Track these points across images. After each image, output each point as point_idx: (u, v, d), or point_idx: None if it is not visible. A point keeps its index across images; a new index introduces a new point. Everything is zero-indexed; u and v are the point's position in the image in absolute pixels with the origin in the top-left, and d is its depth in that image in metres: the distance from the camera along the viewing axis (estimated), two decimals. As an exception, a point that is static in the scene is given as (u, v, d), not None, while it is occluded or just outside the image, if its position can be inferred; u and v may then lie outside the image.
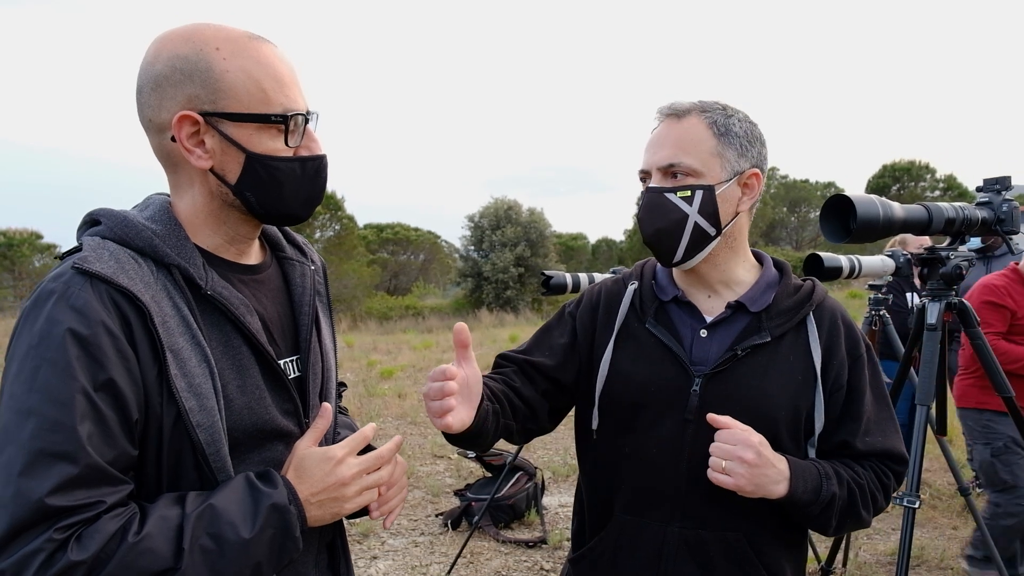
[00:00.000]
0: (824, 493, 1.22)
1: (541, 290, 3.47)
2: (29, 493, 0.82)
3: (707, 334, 1.33)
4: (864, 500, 1.28)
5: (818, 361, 1.29)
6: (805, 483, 1.22)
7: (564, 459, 5.94)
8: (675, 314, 1.37)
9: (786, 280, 1.38)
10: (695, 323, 1.35)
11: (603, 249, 37.94)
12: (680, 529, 1.29)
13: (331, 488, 1.04)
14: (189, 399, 0.95)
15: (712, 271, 1.36)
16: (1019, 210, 2.13)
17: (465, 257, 28.10)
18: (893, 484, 1.35)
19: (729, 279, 1.37)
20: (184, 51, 1.00)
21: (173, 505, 0.93)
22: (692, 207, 1.27)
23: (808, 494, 1.22)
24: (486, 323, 20.97)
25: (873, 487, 1.30)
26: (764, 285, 1.35)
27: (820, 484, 1.23)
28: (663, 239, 1.30)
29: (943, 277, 2.13)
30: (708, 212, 1.27)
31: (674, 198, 1.28)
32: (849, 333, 1.35)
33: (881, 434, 1.33)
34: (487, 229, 26.79)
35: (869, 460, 1.33)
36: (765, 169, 1.35)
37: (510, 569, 3.86)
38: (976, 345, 2.16)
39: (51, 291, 0.91)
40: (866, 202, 1.87)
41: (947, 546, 3.97)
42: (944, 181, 31.43)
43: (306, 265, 1.25)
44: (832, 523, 1.26)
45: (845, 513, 1.26)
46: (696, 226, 1.28)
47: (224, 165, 1.04)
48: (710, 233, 1.29)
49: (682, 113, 1.30)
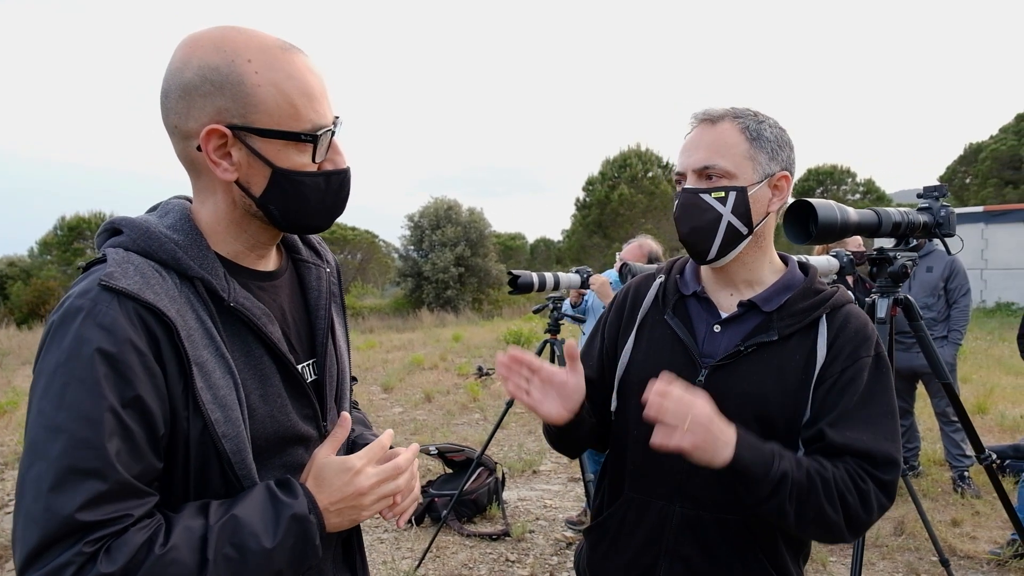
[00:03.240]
0: (774, 471, 1.19)
1: (508, 289, 3.56)
2: (59, 508, 0.84)
3: (720, 329, 1.39)
4: (829, 495, 1.21)
5: (820, 362, 1.31)
6: (752, 453, 1.19)
7: (519, 455, 6.06)
8: (693, 308, 1.44)
9: (808, 283, 1.40)
10: (710, 318, 1.41)
11: (541, 249, 38.30)
12: (681, 509, 1.35)
13: (350, 498, 1.06)
14: (215, 411, 0.97)
15: (740, 270, 1.41)
16: (955, 215, 2.36)
17: (405, 257, 27.89)
18: (874, 492, 1.24)
19: (753, 279, 1.41)
20: (215, 61, 0.99)
21: (197, 516, 0.94)
22: (726, 207, 1.33)
23: (756, 467, 1.18)
24: (427, 323, 20.92)
25: (843, 486, 1.22)
26: (781, 286, 1.39)
27: (771, 460, 1.20)
28: (698, 237, 1.36)
29: (891, 275, 2.34)
30: (741, 212, 1.33)
31: (709, 198, 1.34)
32: (859, 337, 1.33)
33: (867, 433, 1.26)
34: (427, 229, 26.67)
35: (845, 459, 1.26)
36: (793, 172, 1.41)
37: (476, 562, 3.94)
38: (919, 337, 2.38)
39: (78, 308, 0.91)
40: (825, 207, 2.05)
41: (880, 525, 4.26)
42: (864, 185, 33.09)
43: (322, 268, 1.26)
44: (789, 511, 1.20)
45: (804, 502, 1.20)
46: (729, 225, 1.33)
47: (249, 178, 1.04)
48: (742, 232, 1.35)
49: (716, 119, 1.36)
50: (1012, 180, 26.33)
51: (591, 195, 31.95)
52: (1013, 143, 26.66)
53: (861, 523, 1.24)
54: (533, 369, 1.32)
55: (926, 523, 2.71)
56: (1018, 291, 17.16)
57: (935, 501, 4.66)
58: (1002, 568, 3.72)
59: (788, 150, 1.39)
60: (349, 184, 1.13)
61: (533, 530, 4.39)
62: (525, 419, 7.25)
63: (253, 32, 1.03)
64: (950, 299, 4.87)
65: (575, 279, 3.78)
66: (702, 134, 1.37)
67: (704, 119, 1.38)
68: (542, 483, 5.39)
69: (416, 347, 13.77)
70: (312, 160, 1.06)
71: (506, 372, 1.32)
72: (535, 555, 4.03)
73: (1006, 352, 10.63)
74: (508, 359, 1.31)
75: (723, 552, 1.34)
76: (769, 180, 1.36)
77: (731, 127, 1.35)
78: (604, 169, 32.18)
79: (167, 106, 1.02)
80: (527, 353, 1.32)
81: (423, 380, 9.81)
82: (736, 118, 1.36)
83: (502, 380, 1.33)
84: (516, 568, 3.87)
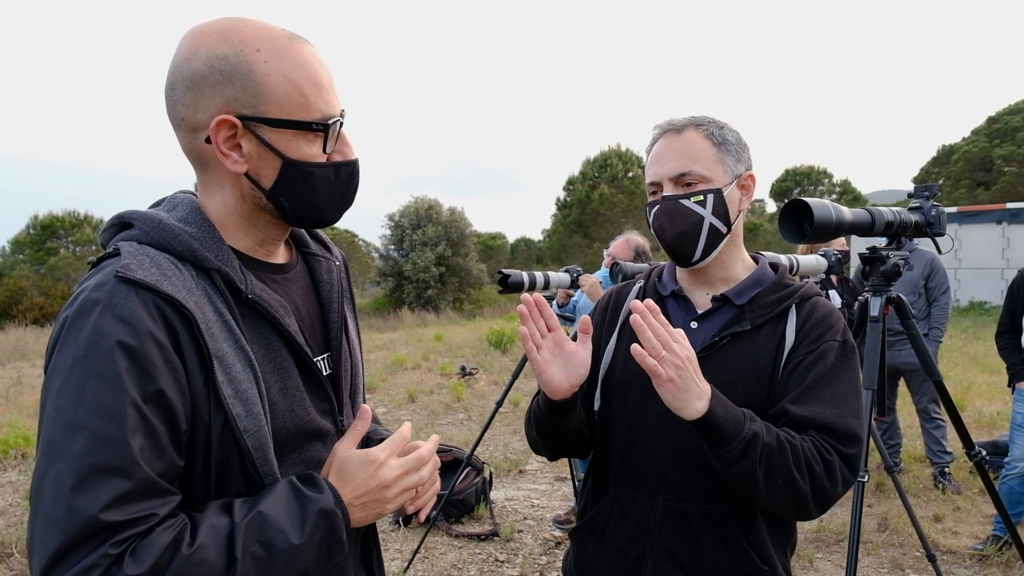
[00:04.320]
0: (745, 430, 1.21)
1: (498, 288, 3.55)
2: (82, 509, 0.80)
3: (696, 325, 1.44)
4: (798, 462, 1.23)
5: (789, 344, 1.37)
6: (726, 410, 1.21)
7: (505, 454, 6.05)
8: (671, 307, 1.49)
9: (778, 278, 1.47)
10: (687, 316, 1.47)
11: (522, 248, 38.35)
12: (665, 502, 1.38)
13: (374, 491, 1.03)
14: (236, 405, 0.94)
15: (718, 269, 1.46)
16: (945, 214, 2.39)
17: (385, 256, 27.78)
18: (839, 465, 1.27)
19: (729, 276, 1.47)
20: (223, 51, 0.97)
21: (221, 514, 0.92)
22: (706, 209, 1.39)
23: (728, 424, 1.20)
24: (408, 323, 20.82)
25: (810, 456, 1.25)
26: (752, 281, 1.46)
27: (742, 420, 1.22)
28: (684, 242, 1.40)
29: (883, 274, 2.36)
30: (720, 213, 1.39)
31: (689, 203, 1.39)
32: (826, 323, 1.39)
33: (830, 408, 1.30)
34: (408, 228, 26.59)
35: (810, 433, 1.29)
36: (754, 170, 1.48)
37: (465, 562, 3.92)
38: (911, 336, 2.40)
39: (95, 301, 0.88)
40: (821, 207, 2.06)
41: (864, 522, 4.30)
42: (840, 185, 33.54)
43: (332, 261, 1.24)
44: (759, 474, 1.21)
45: (773, 467, 1.21)
46: (711, 226, 1.39)
47: (259, 170, 1.01)
48: (723, 232, 1.41)
49: (680, 128, 1.42)
50: (983, 181, 26.84)
51: (572, 195, 32.04)
52: (984, 145, 27.18)
53: (827, 496, 1.26)
54: (550, 327, 1.33)
55: (913, 519, 2.74)
56: (990, 290, 17.49)
57: (917, 497, 4.72)
58: (984, 563, 3.78)
59: (748, 151, 1.47)
60: (358, 176, 1.12)
61: (521, 530, 4.38)
62: (510, 419, 7.24)
63: (258, 22, 1.02)
64: (930, 297, 4.94)
65: (565, 278, 3.78)
66: (670, 143, 1.42)
67: (669, 129, 1.44)
68: (529, 483, 5.38)
69: (398, 347, 13.71)
70: (323, 151, 1.04)
71: (527, 312, 1.31)
72: (524, 555, 4.02)
73: (980, 350, 10.83)
74: (533, 299, 1.31)
75: (708, 543, 1.36)
76: (738, 180, 1.43)
77: (696, 134, 1.41)
78: (585, 169, 32.28)
79: (173, 98, 1.00)
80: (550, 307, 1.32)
81: (406, 380, 9.75)
82: (699, 126, 1.42)
83: (520, 318, 1.31)
84: (505, 568, 3.86)
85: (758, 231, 29.66)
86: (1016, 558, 3.74)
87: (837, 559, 3.90)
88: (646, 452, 1.40)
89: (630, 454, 1.43)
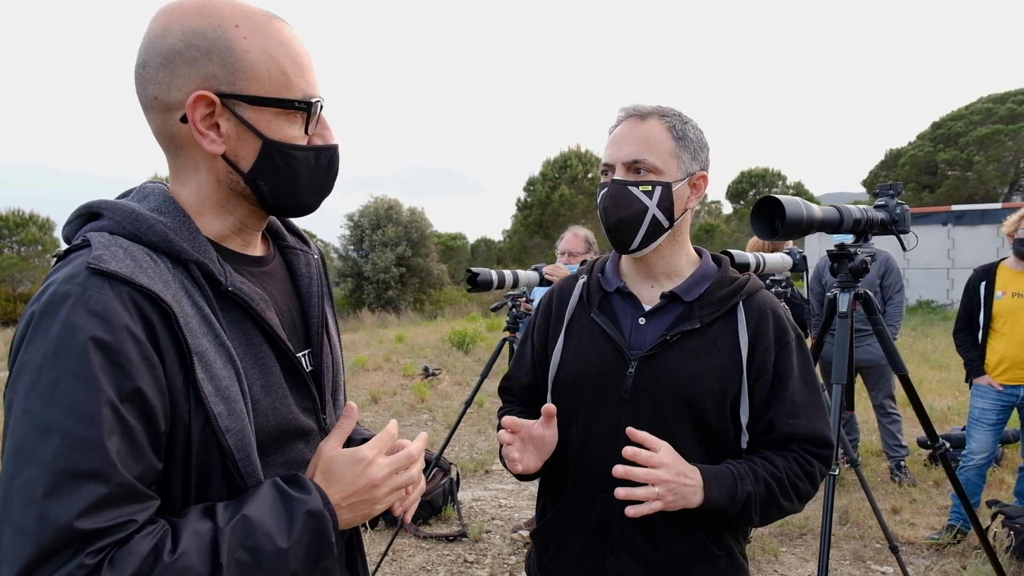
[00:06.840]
0: (739, 494, 1.30)
1: (467, 287, 3.52)
2: (56, 517, 0.75)
3: (645, 322, 1.44)
4: (784, 491, 1.35)
5: (744, 348, 1.39)
6: (719, 488, 1.30)
7: (471, 455, 6.01)
8: (617, 304, 1.49)
9: (722, 272, 1.48)
10: (635, 312, 1.46)
11: (482, 248, 38.26)
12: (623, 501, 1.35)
13: (362, 490, 1.00)
14: (217, 404, 0.90)
15: (659, 262, 1.47)
16: (909, 212, 2.45)
17: (344, 257, 27.40)
18: (818, 469, 1.40)
19: (672, 270, 1.48)
20: (200, 25, 0.92)
21: (204, 519, 0.87)
22: (652, 201, 1.38)
23: (724, 498, 1.29)
24: (369, 324, 20.57)
25: (794, 477, 1.36)
26: (699, 277, 1.46)
27: (734, 487, 1.31)
28: (624, 228, 1.41)
29: (851, 271, 2.40)
30: (665, 207, 1.39)
31: (637, 191, 1.39)
32: (778, 322, 1.44)
33: (807, 418, 1.40)
34: (367, 228, 26.27)
35: (791, 447, 1.39)
36: (708, 172, 1.48)
37: (434, 564, 3.88)
38: (877, 331, 2.45)
39: (66, 294, 0.82)
40: (792, 204, 2.09)
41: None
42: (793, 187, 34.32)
43: (309, 254, 1.21)
44: (754, 518, 1.35)
45: (766, 507, 1.35)
46: (654, 218, 1.39)
47: (238, 151, 0.97)
48: (664, 226, 1.41)
49: (645, 115, 1.42)
50: (929, 184, 27.77)
51: (532, 195, 32.09)
52: (929, 149, 28.11)
53: (810, 497, 1.41)
54: (514, 430, 1.38)
55: (877, 512, 2.80)
56: (937, 290, 18.08)
57: (874, 491, 4.84)
58: (941, 552, 3.89)
59: (707, 151, 1.47)
60: (338, 163, 1.10)
61: (490, 530, 4.35)
62: (475, 419, 7.20)
63: (234, 0, 0.97)
64: (885, 295, 5.08)
65: (533, 276, 3.76)
66: (632, 128, 1.42)
67: (633, 114, 1.44)
68: (495, 483, 5.36)
69: (359, 348, 13.51)
70: (304, 132, 1.01)
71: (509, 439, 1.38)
72: (493, 555, 3.99)
73: (929, 347, 11.18)
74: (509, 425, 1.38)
75: (667, 535, 1.39)
76: (690, 179, 1.43)
77: (659, 125, 1.41)
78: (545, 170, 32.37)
79: (145, 76, 0.94)
80: (517, 419, 1.38)
81: (368, 381, 9.63)
82: (663, 116, 1.42)
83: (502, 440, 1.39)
84: (475, 569, 3.83)
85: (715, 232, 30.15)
86: (971, 547, 3.86)
87: (800, 552, 3.98)
88: (599, 452, 1.41)
89: (584, 454, 1.44)
